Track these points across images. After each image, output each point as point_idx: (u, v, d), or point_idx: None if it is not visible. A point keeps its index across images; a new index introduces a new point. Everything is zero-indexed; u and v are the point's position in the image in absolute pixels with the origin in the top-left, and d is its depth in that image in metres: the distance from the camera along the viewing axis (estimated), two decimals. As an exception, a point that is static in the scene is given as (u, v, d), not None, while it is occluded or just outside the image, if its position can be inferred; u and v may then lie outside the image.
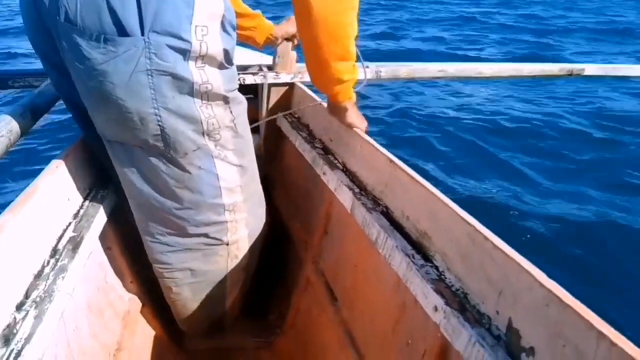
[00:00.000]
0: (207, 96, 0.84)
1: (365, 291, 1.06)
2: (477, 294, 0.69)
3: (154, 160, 0.88)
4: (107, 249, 1.08)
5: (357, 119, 1.13)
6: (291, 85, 1.56)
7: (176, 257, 1.04)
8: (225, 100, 0.89)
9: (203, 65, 0.81)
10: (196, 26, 0.77)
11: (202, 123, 0.86)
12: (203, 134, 0.88)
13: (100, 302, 0.99)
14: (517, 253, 0.64)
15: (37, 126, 0.97)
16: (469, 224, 0.72)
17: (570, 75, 1.83)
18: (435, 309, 0.71)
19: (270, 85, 1.54)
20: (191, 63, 0.80)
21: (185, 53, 0.78)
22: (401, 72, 1.62)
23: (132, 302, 1.14)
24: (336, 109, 1.11)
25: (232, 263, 1.12)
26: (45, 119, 1.01)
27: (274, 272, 1.56)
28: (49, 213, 0.83)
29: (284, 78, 1.50)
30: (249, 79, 1.46)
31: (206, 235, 1.02)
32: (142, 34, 0.74)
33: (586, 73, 1.84)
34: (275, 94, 1.58)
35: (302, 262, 1.36)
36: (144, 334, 1.17)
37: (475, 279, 0.70)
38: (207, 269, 1.09)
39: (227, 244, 1.07)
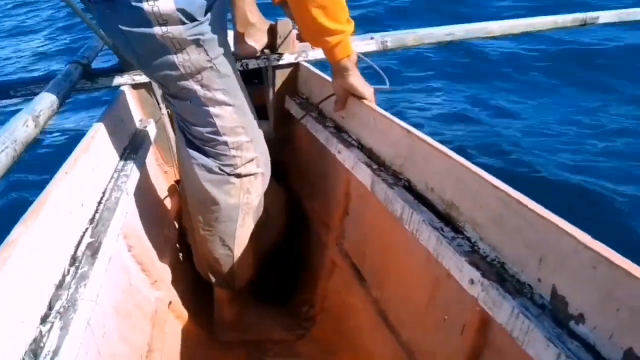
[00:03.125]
0: (177, 43, 0.92)
1: (394, 269, 1.03)
2: (515, 262, 0.65)
3: (167, 97, 1.06)
4: (128, 251, 1.06)
5: (362, 82, 1.09)
6: (296, 66, 1.52)
7: (198, 175, 1.09)
8: (197, 44, 0.94)
9: (165, 21, 0.90)
10: None
11: (178, 66, 0.96)
12: (183, 76, 0.97)
13: (127, 305, 0.98)
14: (556, 215, 0.60)
15: (42, 134, 0.94)
16: (499, 189, 0.68)
17: (584, 25, 1.74)
18: (472, 281, 0.68)
19: (274, 67, 1.49)
20: (153, 22, 0.89)
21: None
22: (408, 39, 1.56)
23: (159, 302, 1.13)
24: (338, 72, 1.08)
25: (245, 199, 1.13)
26: (50, 126, 0.99)
27: (298, 258, 1.54)
28: (64, 221, 0.81)
29: (288, 59, 1.46)
30: (252, 64, 1.42)
31: (219, 165, 1.09)
32: None
33: (601, 21, 1.75)
34: (281, 76, 1.53)
35: (325, 245, 1.34)
36: (174, 332, 1.17)
37: (511, 246, 0.66)
38: (220, 198, 1.10)
39: (239, 176, 1.11)
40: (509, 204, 0.66)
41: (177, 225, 1.45)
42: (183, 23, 0.90)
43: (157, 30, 0.90)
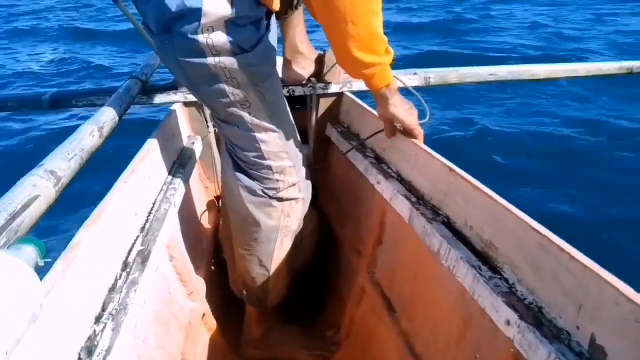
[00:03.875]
0: (228, 72, 0.98)
1: (426, 302, 1.03)
2: (553, 307, 0.66)
3: (216, 120, 1.12)
4: (169, 261, 1.11)
5: (403, 111, 1.08)
6: (339, 95, 1.57)
7: (242, 196, 1.13)
8: (246, 73, 0.99)
9: (218, 52, 0.95)
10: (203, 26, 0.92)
11: (228, 94, 1.01)
12: (232, 103, 1.02)
13: (165, 314, 1.02)
14: (596, 264, 0.61)
15: (104, 143, 1.01)
16: (539, 233, 0.70)
17: (630, 73, 1.75)
18: (508, 322, 0.69)
19: (319, 95, 1.55)
20: (207, 53, 0.95)
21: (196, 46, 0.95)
22: (450, 77, 1.60)
23: (192, 313, 1.16)
24: (379, 101, 1.08)
25: (285, 222, 1.16)
26: (112, 137, 1.05)
27: (328, 282, 1.56)
28: (119, 227, 0.86)
29: (333, 88, 1.51)
30: (298, 90, 1.48)
31: (262, 187, 1.13)
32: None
33: (647, 70, 1.75)
34: (324, 104, 1.58)
35: (355, 271, 1.36)
36: (205, 344, 1.20)
37: (550, 291, 0.67)
38: (261, 219, 1.14)
39: (280, 200, 1.14)
40: (548, 250, 0.67)
41: (213, 240, 1.50)
42: (234, 54, 0.95)
43: (210, 60, 0.95)
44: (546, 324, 0.66)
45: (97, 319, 0.71)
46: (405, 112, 1.08)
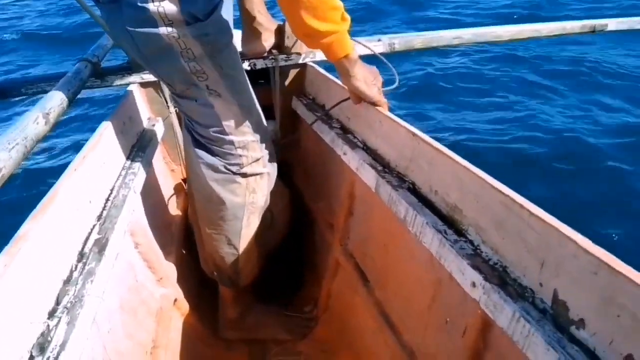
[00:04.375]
0: (183, 43, 0.93)
1: (397, 270, 1.03)
2: (517, 266, 0.66)
3: (173, 96, 1.09)
4: (134, 248, 1.08)
5: (365, 85, 1.04)
6: (303, 66, 1.52)
7: (204, 174, 1.10)
8: (202, 44, 0.94)
9: (170, 22, 0.90)
10: None
11: (184, 66, 0.96)
12: (188, 75, 0.98)
13: (133, 302, 0.99)
14: (557, 220, 0.61)
15: (52, 130, 0.96)
16: (502, 192, 0.69)
17: (593, 32, 1.74)
18: (474, 285, 0.68)
19: (282, 68, 1.50)
20: (159, 22, 0.90)
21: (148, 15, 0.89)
22: (416, 42, 1.56)
23: (164, 299, 1.14)
24: (341, 73, 1.03)
25: (250, 199, 1.14)
26: (60, 123, 1.00)
27: (302, 258, 1.55)
28: (72, 217, 0.82)
29: (295, 59, 1.47)
30: (260, 63, 1.43)
31: (225, 164, 1.10)
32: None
33: (609, 29, 1.74)
34: (287, 77, 1.54)
35: (329, 245, 1.35)
36: (178, 329, 1.18)
37: (513, 250, 0.66)
38: (226, 197, 1.11)
39: (244, 175, 1.11)
40: (511, 208, 0.66)
41: (183, 224, 1.47)
42: (188, 24, 0.91)
43: (163, 30, 0.90)
44: (510, 283, 0.65)
45: (51, 314, 0.67)
46: (367, 85, 1.04)
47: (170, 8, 0.88)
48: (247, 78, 1.10)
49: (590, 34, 1.76)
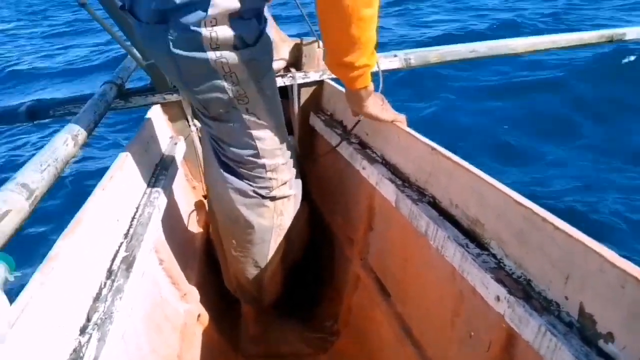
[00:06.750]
0: (228, 67, 0.92)
1: (418, 284, 1.03)
2: (541, 279, 0.65)
3: (204, 119, 1.05)
4: (159, 264, 1.10)
5: (379, 108, 1.05)
6: (320, 83, 1.55)
7: (232, 198, 1.09)
8: (248, 69, 0.94)
9: (217, 47, 0.89)
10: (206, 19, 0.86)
11: (227, 90, 0.95)
12: (230, 99, 0.97)
13: (157, 318, 1.00)
14: (582, 233, 0.61)
15: (80, 152, 0.99)
16: (523, 205, 0.69)
17: (611, 41, 1.73)
18: (498, 298, 0.68)
19: (300, 85, 1.53)
20: (206, 47, 0.89)
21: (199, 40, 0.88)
22: (431, 57, 1.58)
23: (187, 315, 1.15)
24: (352, 99, 1.04)
25: (278, 221, 1.14)
26: (88, 144, 1.03)
27: (322, 273, 1.56)
28: (101, 235, 0.85)
29: (313, 77, 1.49)
30: (278, 82, 1.46)
31: (254, 188, 1.09)
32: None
33: (628, 38, 1.74)
34: (305, 94, 1.57)
35: (349, 259, 1.35)
36: (202, 345, 1.19)
37: (537, 264, 0.66)
38: (254, 220, 1.11)
39: (273, 199, 1.11)
40: (533, 222, 0.66)
41: (204, 239, 1.49)
42: (236, 48, 0.90)
43: (211, 55, 0.89)
44: (535, 297, 0.65)
45: (82, 330, 0.69)
46: (380, 110, 1.05)
47: (223, 33, 0.87)
48: (280, 99, 1.09)
49: (609, 44, 1.76)
